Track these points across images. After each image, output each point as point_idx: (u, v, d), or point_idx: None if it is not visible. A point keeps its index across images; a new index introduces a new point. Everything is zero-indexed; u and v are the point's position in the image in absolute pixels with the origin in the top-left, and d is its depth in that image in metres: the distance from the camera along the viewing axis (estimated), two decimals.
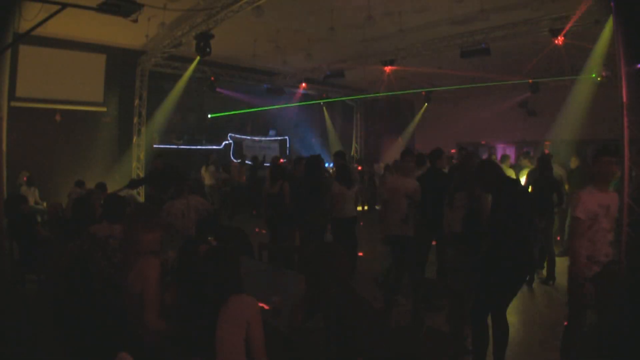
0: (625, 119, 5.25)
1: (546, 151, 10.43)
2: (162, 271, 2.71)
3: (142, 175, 11.23)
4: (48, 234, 5.38)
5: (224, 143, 15.12)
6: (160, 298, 2.63)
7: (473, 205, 3.97)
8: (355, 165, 13.38)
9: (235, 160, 14.50)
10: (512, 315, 3.64)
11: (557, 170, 7.11)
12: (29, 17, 6.83)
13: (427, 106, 15.92)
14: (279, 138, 16.61)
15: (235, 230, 6.16)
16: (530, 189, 6.25)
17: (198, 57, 10.04)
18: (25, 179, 8.76)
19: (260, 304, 2.40)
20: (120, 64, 10.99)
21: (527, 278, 5.16)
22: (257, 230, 8.58)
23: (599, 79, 10.62)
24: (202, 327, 2.21)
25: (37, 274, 5.12)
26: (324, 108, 17.01)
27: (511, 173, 7.54)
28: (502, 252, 3.38)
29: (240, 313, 2.18)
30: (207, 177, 11.40)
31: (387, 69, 10.77)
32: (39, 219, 7.42)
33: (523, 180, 7.00)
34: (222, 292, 2.22)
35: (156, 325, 2.56)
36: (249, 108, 15.21)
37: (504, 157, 9.02)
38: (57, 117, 10.11)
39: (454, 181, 4.65)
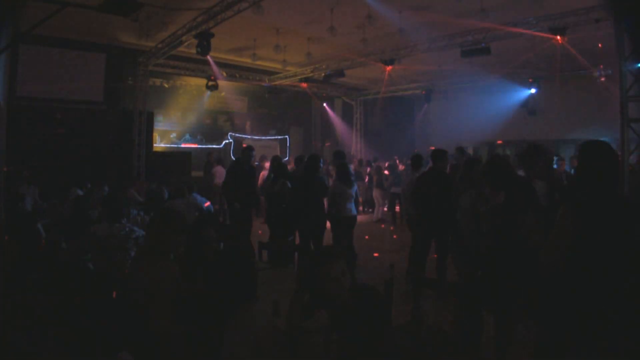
0: (625, 118, 5.26)
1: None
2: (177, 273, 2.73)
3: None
4: (48, 234, 5.38)
5: (224, 142, 15.13)
6: (171, 300, 2.65)
7: (480, 207, 3.99)
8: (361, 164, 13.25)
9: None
10: None
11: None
12: (29, 16, 6.83)
13: (426, 105, 15.92)
14: (279, 137, 16.62)
15: (234, 230, 6.17)
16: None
17: (204, 57, 10.00)
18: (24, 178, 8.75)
19: None
20: (120, 64, 10.99)
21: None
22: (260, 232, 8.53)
23: (602, 78, 10.60)
24: (210, 329, 2.21)
25: (37, 274, 5.12)
26: (324, 105, 16.99)
27: None
28: (511, 251, 3.38)
29: (250, 322, 2.17)
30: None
31: (387, 68, 10.77)
32: (39, 219, 7.41)
33: None
34: (234, 299, 2.21)
35: (163, 327, 2.57)
36: (249, 107, 15.23)
37: None
38: (57, 117, 10.11)
39: (459, 184, 4.63)
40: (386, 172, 10.85)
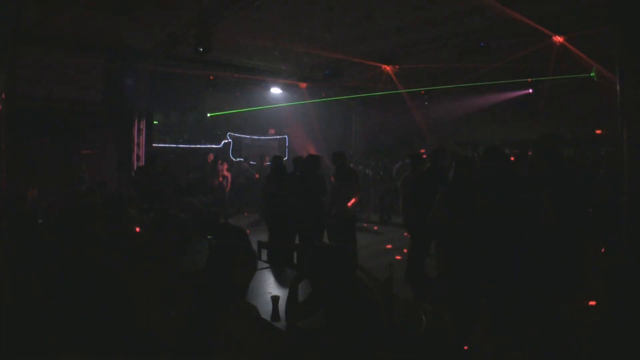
0: (624, 118, 5.26)
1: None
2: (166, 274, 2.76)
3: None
4: (48, 234, 5.38)
5: (223, 142, 15.13)
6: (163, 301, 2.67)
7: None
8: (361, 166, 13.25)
9: (235, 160, 14.53)
10: None
11: None
12: (29, 17, 6.84)
13: (425, 105, 15.91)
14: (278, 137, 16.62)
15: (234, 229, 6.15)
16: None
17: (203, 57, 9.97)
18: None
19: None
20: (120, 64, 10.98)
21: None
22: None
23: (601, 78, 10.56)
24: (202, 326, 2.22)
25: (37, 274, 5.11)
26: (319, 107, 16.94)
27: None
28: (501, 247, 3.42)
29: (240, 318, 2.19)
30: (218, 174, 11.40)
31: (387, 68, 10.78)
32: (38, 219, 7.40)
33: None
34: (226, 295, 2.24)
35: (157, 323, 2.59)
36: (248, 107, 15.23)
37: None
38: (57, 117, 10.11)
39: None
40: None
